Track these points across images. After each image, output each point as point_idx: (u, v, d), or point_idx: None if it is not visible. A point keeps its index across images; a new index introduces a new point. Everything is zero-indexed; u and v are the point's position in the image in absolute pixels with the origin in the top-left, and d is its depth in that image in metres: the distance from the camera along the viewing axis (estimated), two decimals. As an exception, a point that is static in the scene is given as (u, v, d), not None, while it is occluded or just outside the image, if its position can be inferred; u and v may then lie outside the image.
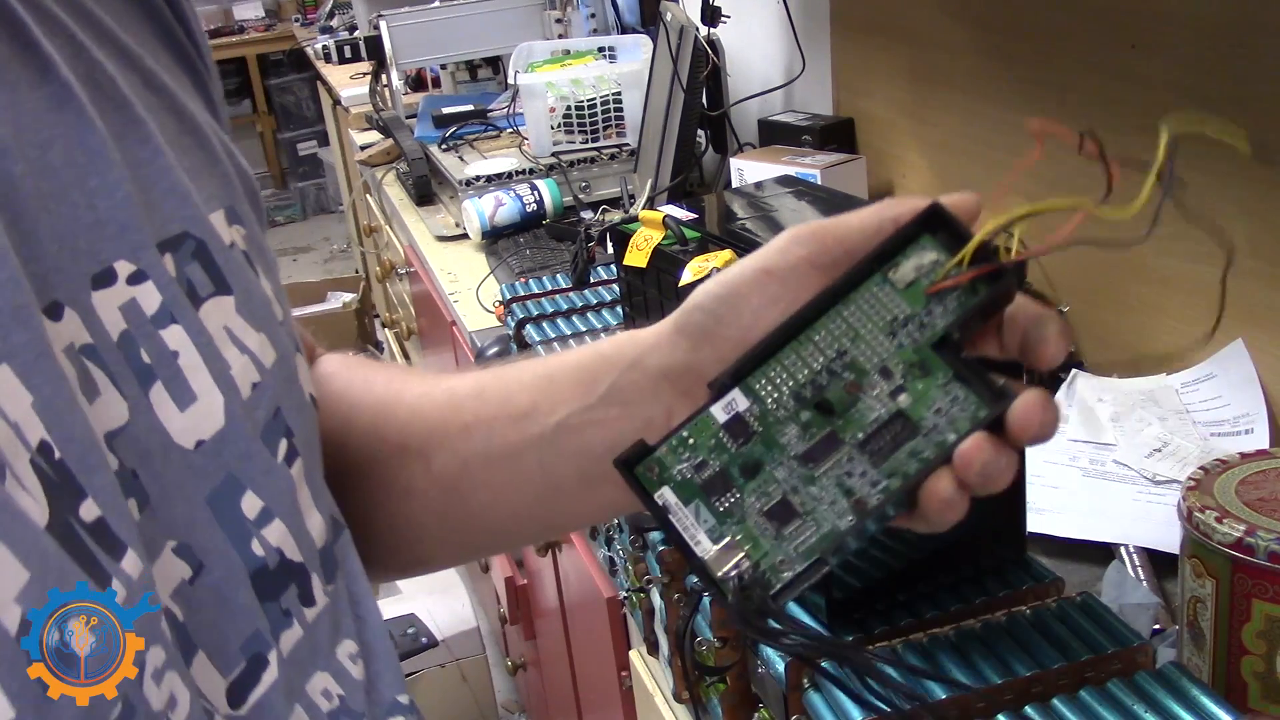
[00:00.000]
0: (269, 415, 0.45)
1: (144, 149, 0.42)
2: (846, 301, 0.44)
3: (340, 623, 0.48)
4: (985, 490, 0.41)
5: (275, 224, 5.67)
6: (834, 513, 0.43)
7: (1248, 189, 0.97)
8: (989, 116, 1.30)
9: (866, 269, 0.44)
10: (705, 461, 0.44)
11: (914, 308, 0.43)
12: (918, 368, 0.43)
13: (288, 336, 0.48)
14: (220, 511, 0.42)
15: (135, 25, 0.46)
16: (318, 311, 3.82)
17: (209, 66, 0.50)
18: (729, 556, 0.43)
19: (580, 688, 1.49)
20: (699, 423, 0.45)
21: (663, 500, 0.44)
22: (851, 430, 0.43)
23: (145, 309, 0.40)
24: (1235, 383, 0.98)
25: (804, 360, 0.44)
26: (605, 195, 1.88)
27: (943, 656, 0.64)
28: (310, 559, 0.46)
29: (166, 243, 0.42)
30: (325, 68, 3.37)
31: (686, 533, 0.44)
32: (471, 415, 0.54)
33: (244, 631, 0.42)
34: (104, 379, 0.39)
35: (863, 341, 0.44)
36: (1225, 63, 0.97)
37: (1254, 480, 0.66)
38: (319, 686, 0.46)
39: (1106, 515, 0.89)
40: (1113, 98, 1.10)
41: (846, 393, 0.43)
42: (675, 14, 1.65)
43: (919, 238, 0.44)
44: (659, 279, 0.91)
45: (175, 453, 0.40)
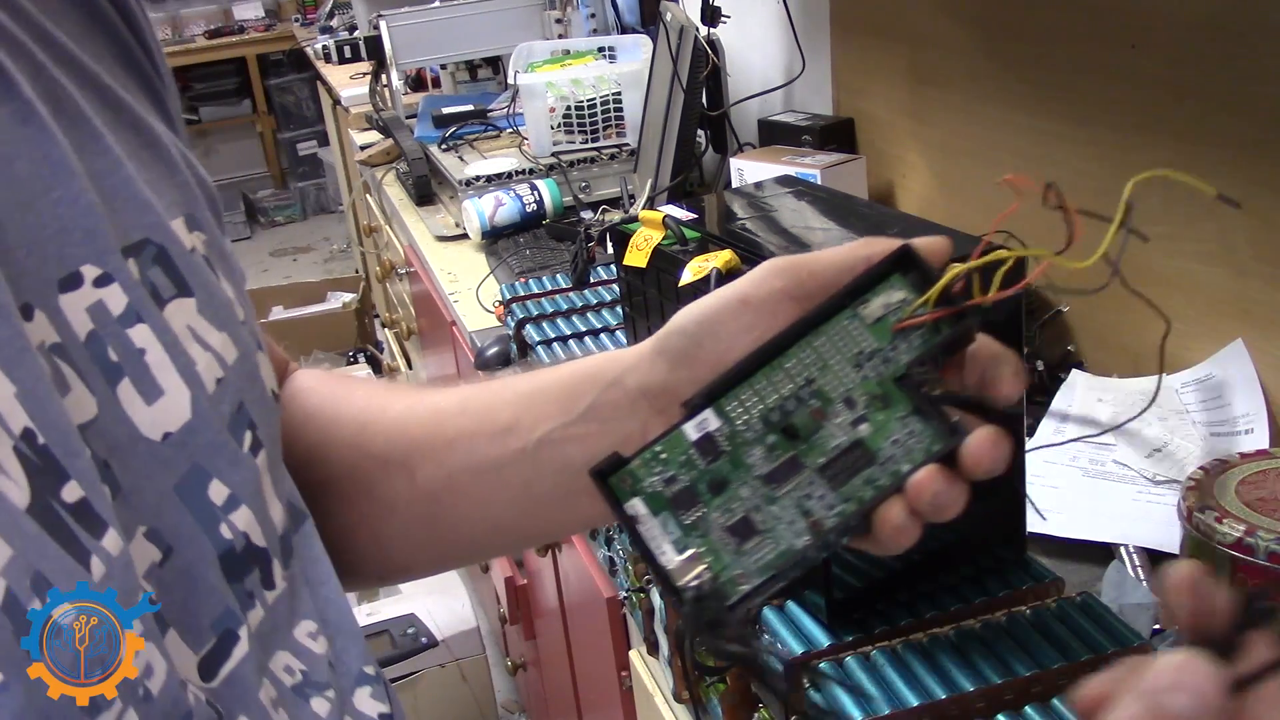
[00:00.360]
0: (233, 409, 0.47)
1: (104, 161, 0.44)
2: (818, 333, 0.47)
3: (296, 605, 0.50)
4: (937, 518, 0.44)
5: (275, 224, 5.67)
6: (792, 532, 0.45)
7: (1248, 189, 0.97)
8: (989, 116, 1.30)
9: (838, 303, 0.47)
10: (675, 476, 0.47)
11: (880, 343, 0.46)
12: (880, 400, 0.45)
13: (249, 335, 0.50)
14: (189, 499, 0.44)
15: (92, 45, 0.48)
16: (318, 311, 3.82)
17: (166, 83, 0.52)
18: (691, 567, 0.45)
19: (580, 688, 1.49)
20: (672, 439, 0.47)
21: (633, 511, 0.47)
22: (813, 455, 0.46)
23: (112, 310, 0.42)
24: (1235, 383, 0.98)
25: (774, 386, 0.47)
26: (605, 195, 1.88)
27: (943, 656, 0.64)
28: (272, 545, 0.48)
29: (129, 248, 0.44)
30: (325, 68, 3.37)
31: (653, 543, 0.46)
32: (455, 430, 0.57)
33: (214, 610, 0.44)
34: (73, 375, 0.41)
35: (830, 372, 0.46)
36: (1225, 63, 0.97)
37: (1254, 480, 0.66)
38: (281, 663, 0.48)
39: (1106, 515, 0.89)
40: (1113, 98, 1.10)
41: (812, 419, 0.46)
42: (675, 14, 1.65)
43: (890, 277, 0.47)
44: (659, 279, 0.91)
45: (143, 444, 0.43)
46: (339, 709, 0.50)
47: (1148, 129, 1.07)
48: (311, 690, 0.49)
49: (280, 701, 0.47)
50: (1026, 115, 1.23)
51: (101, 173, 0.44)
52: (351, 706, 0.51)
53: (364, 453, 0.59)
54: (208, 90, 5.76)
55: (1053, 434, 1.01)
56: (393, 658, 2.06)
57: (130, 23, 0.50)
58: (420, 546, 0.60)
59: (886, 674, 0.64)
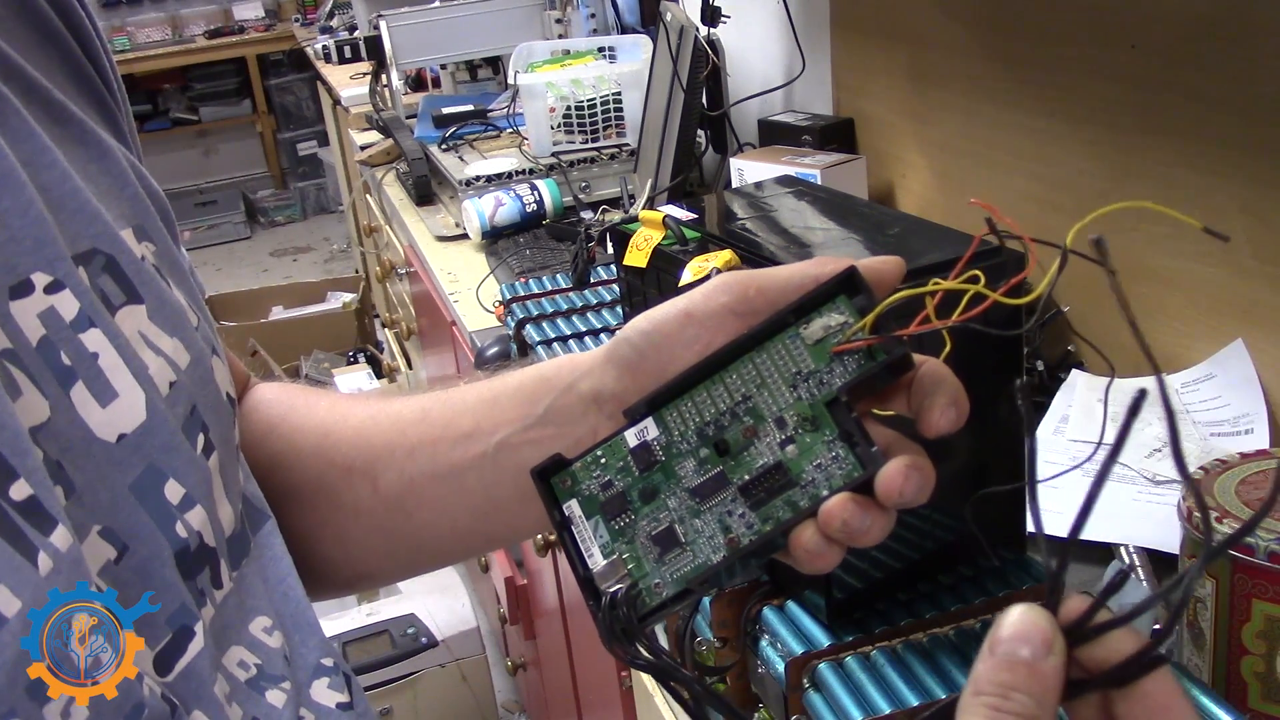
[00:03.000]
0: (186, 411, 0.48)
1: (51, 174, 0.45)
2: (760, 350, 0.47)
3: (248, 603, 0.51)
4: (852, 544, 0.44)
5: (275, 224, 5.67)
6: (710, 547, 0.46)
7: (1248, 188, 0.97)
8: (989, 116, 1.30)
9: (782, 321, 0.47)
10: (611, 481, 0.47)
11: (817, 364, 0.46)
12: (809, 422, 0.46)
13: (202, 340, 0.51)
14: (144, 498, 0.45)
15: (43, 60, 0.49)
16: (318, 311, 3.82)
17: (118, 99, 0.54)
18: (614, 573, 0.46)
19: (580, 688, 1.49)
20: (612, 445, 0.48)
21: (569, 511, 0.48)
22: (740, 472, 0.46)
23: (64, 315, 0.43)
24: (1235, 383, 0.98)
25: (712, 400, 0.47)
26: (605, 195, 1.88)
27: (943, 656, 0.64)
28: (220, 546, 0.49)
29: (79, 257, 0.45)
30: (325, 68, 3.37)
31: (582, 544, 0.47)
32: (417, 437, 0.58)
33: (169, 606, 0.45)
34: (25, 380, 0.41)
35: (766, 390, 0.47)
36: (1225, 62, 0.97)
37: (1254, 480, 0.66)
38: (235, 659, 0.49)
39: (1106, 515, 0.89)
40: (1113, 98, 1.10)
41: (743, 436, 0.46)
42: (675, 14, 1.65)
43: (835, 298, 0.47)
44: (659, 279, 0.91)
45: (97, 446, 0.43)
46: (295, 700, 0.51)
47: (1148, 129, 1.07)
48: (267, 683, 0.50)
49: (234, 695, 0.48)
50: (1026, 115, 1.23)
51: (49, 185, 0.45)
52: (308, 698, 0.52)
53: (327, 461, 0.60)
54: (208, 90, 5.76)
55: (1052, 434, 1.01)
56: (393, 658, 2.06)
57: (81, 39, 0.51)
58: (384, 553, 0.61)
59: (886, 674, 0.64)
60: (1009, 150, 1.27)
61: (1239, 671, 0.64)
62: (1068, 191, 1.18)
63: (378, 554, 0.61)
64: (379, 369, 3.35)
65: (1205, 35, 0.99)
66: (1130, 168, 1.09)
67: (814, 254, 0.81)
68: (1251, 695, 0.64)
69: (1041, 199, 1.22)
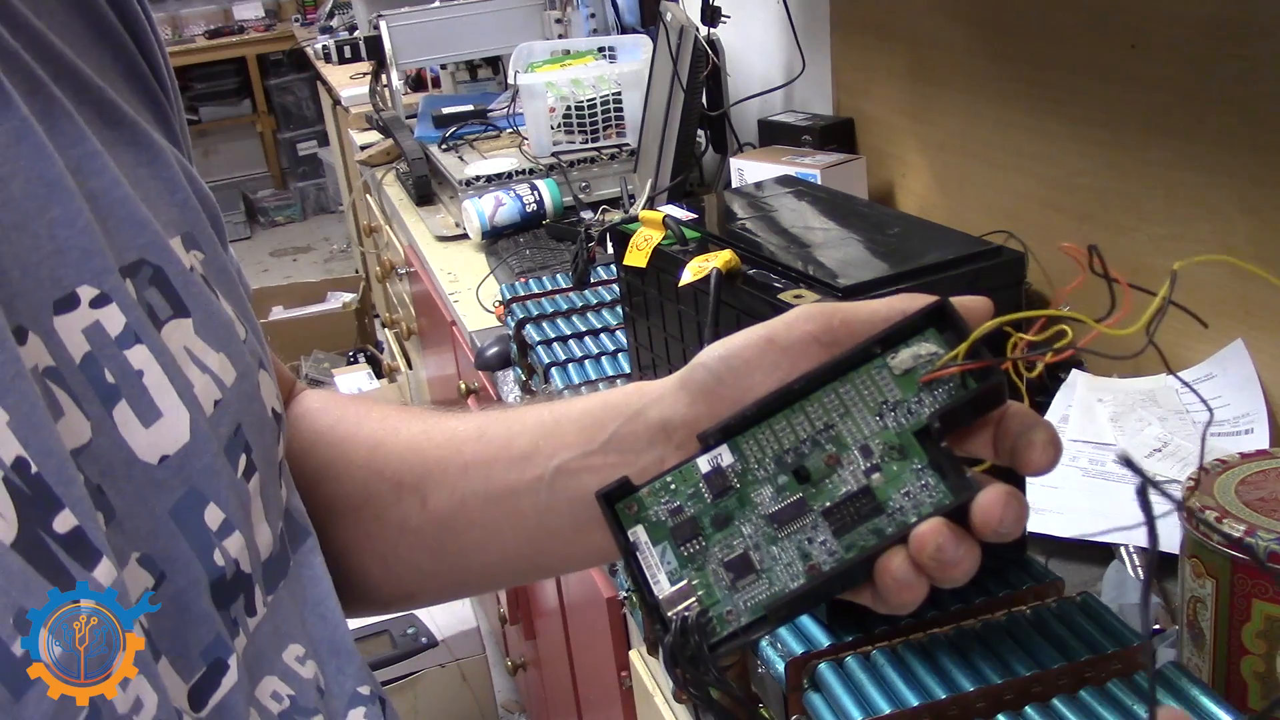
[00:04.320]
0: (230, 431, 0.47)
1: (101, 180, 0.43)
2: (844, 379, 0.46)
3: (282, 629, 0.49)
4: (941, 576, 0.43)
5: (275, 224, 5.68)
6: (788, 574, 0.44)
7: (1248, 188, 0.97)
8: (989, 116, 1.30)
9: (868, 351, 0.46)
10: (681, 507, 0.46)
11: (905, 394, 0.45)
12: (897, 450, 0.45)
13: (250, 354, 0.49)
14: (184, 523, 0.43)
15: (96, 57, 0.47)
16: (318, 311, 3.82)
17: (171, 98, 0.52)
18: (682, 599, 0.45)
19: (580, 688, 1.49)
20: (683, 471, 0.47)
21: (634, 537, 0.47)
22: (821, 499, 0.45)
23: (109, 330, 0.42)
24: (1235, 383, 0.98)
25: (793, 427, 0.46)
26: (605, 195, 1.88)
27: (943, 656, 0.64)
28: (255, 571, 0.47)
29: (126, 269, 0.44)
30: (325, 68, 3.37)
31: (649, 570, 0.46)
32: (471, 455, 0.56)
33: (204, 638, 0.44)
34: (67, 399, 0.40)
35: (851, 418, 0.46)
36: (1225, 63, 0.97)
37: (1254, 480, 0.66)
38: (268, 690, 0.48)
39: (1106, 515, 0.89)
40: (1113, 98, 1.10)
41: (825, 464, 0.45)
42: (675, 14, 1.65)
43: (924, 330, 0.46)
44: (659, 279, 0.91)
45: (138, 468, 0.42)
46: None
47: (1148, 129, 1.06)
48: (299, 716, 0.48)
49: None
50: (1026, 115, 1.23)
51: (98, 192, 0.43)
52: None
53: (375, 474, 0.57)
54: (208, 90, 5.76)
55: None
56: (393, 658, 2.06)
57: (136, 32, 0.49)
58: (428, 574, 0.59)
59: (886, 674, 0.64)
60: (1009, 150, 1.27)
61: (1239, 671, 0.64)
62: (1068, 191, 1.18)
63: (422, 574, 0.59)
64: (379, 369, 3.35)
65: (1205, 35, 0.99)
66: (1130, 168, 1.09)
67: (815, 254, 0.81)
68: (1251, 695, 0.64)
69: (1041, 199, 1.22)
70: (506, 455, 0.54)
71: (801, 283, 0.76)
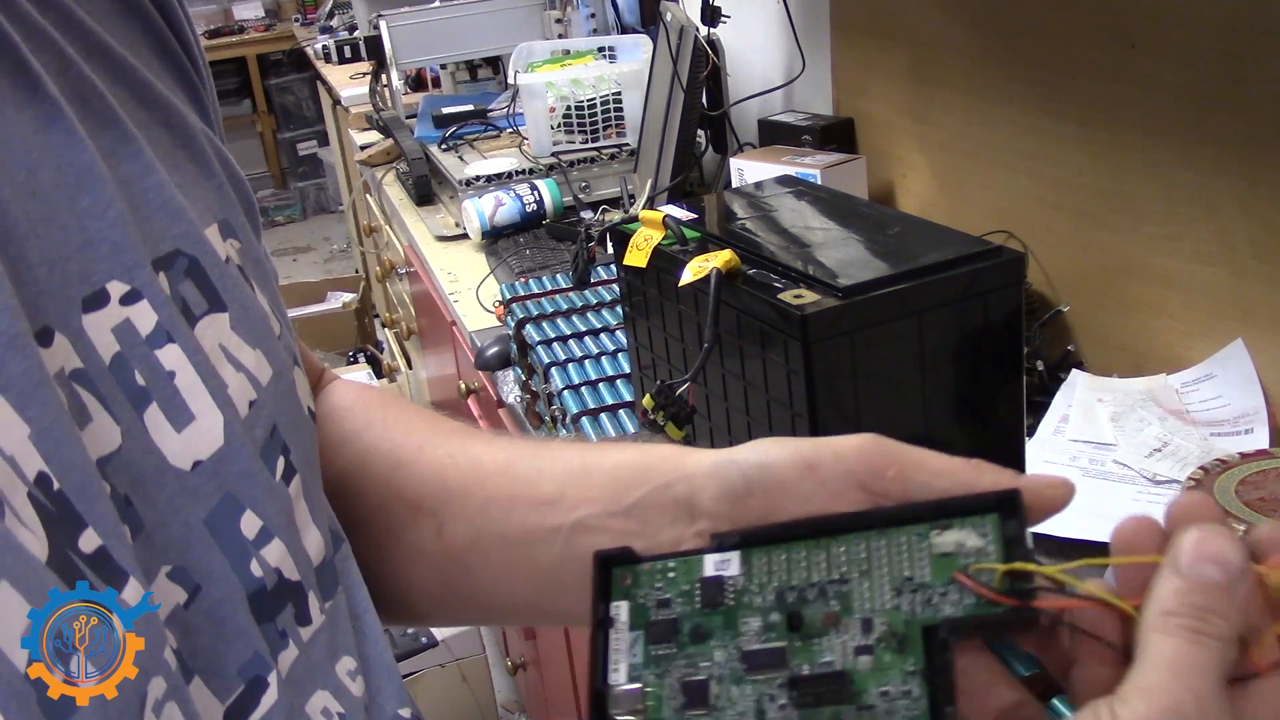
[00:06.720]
0: (266, 433, 0.44)
1: (134, 165, 0.41)
2: (882, 533, 0.41)
3: (338, 639, 0.47)
4: None
5: (275, 224, 5.68)
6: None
7: (1249, 189, 0.97)
8: (989, 116, 1.30)
9: (917, 514, 0.41)
10: (670, 601, 0.43)
11: (934, 579, 0.40)
12: (896, 640, 0.39)
13: (285, 351, 0.47)
14: (219, 532, 0.41)
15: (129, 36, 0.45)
16: (318, 311, 3.82)
17: (204, 78, 0.49)
18: (629, 704, 0.41)
19: (580, 688, 1.49)
20: (688, 562, 0.44)
21: (615, 612, 0.43)
22: (800, 659, 0.40)
23: (140, 329, 0.40)
24: (1235, 383, 0.98)
25: (809, 565, 0.42)
26: (605, 195, 1.88)
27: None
28: (307, 577, 0.45)
29: (159, 261, 0.41)
30: (325, 68, 3.37)
31: (614, 653, 0.42)
32: (494, 490, 0.53)
33: (242, 655, 0.42)
34: (95, 404, 0.38)
35: (869, 581, 0.41)
36: (1225, 63, 0.97)
37: (1254, 480, 0.66)
38: (319, 705, 0.45)
39: (1106, 515, 0.89)
40: (1113, 98, 1.10)
41: (822, 621, 0.41)
42: (675, 14, 1.65)
43: (984, 514, 0.41)
44: (659, 279, 0.91)
45: (170, 475, 0.40)
46: None
47: (1148, 129, 1.07)
48: None
49: None
50: (1026, 115, 1.23)
51: (132, 178, 0.41)
52: None
53: (395, 493, 0.55)
54: (208, 90, 5.77)
55: (1052, 434, 1.01)
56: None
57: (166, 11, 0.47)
58: (436, 600, 0.57)
59: None
60: (1009, 150, 1.27)
61: (1239, 671, 0.64)
62: (1068, 191, 1.18)
63: (430, 599, 0.57)
64: (379, 369, 3.35)
65: (1205, 35, 0.99)
66: (1130, 168, 1.09)
67: (815, 254, 0.81)
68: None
69: (1042, 199, 1.22)
70: (530, 496, 0.52)
71: (801, 283, 0.76)
